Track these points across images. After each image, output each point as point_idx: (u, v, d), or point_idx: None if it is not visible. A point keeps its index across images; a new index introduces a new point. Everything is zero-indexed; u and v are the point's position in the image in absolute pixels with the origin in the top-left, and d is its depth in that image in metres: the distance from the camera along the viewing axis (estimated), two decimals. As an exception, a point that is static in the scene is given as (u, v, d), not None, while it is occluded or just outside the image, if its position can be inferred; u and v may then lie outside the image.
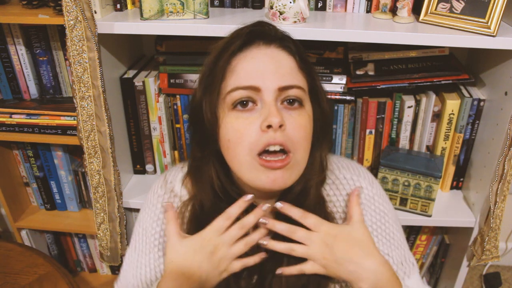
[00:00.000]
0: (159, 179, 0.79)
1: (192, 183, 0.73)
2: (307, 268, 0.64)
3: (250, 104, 0.61)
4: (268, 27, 0.66)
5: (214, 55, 0.65)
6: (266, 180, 0.61)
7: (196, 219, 0.70)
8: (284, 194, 0.69)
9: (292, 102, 0.62)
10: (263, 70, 0.61)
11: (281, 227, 0.65)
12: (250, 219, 0.65)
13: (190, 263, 0.63)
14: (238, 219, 0.67)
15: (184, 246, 0.64)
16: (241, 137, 0.61)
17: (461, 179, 1.23)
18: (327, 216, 0.69)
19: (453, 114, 1.12)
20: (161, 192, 0.76)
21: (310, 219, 0.65)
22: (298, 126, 0.62)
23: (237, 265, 0.64)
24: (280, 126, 0.59)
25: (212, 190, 0.69)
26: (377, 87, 1.10)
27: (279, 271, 0.65)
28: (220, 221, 0.65)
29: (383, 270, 0.62)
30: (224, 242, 0.63)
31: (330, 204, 0.72)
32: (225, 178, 0.69)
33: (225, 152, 0.65)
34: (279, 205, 0.65)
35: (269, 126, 0.59)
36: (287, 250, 0.64)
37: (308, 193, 0.68)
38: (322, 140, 0.70)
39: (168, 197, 0.75)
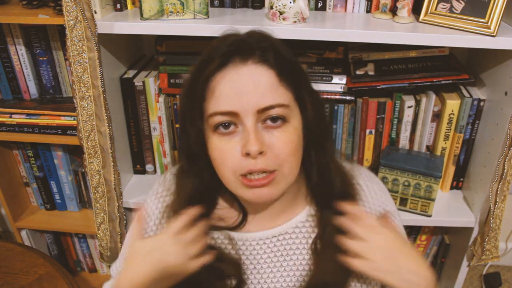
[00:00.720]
0: (160, 178, 0.79)
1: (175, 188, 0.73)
2: (356, 264, 0.62)
3: (232, 126, 0.60)
4: (243, 42, 0.60)
5: (191, 77, 0.63)
6: (252, 196, 0.62)
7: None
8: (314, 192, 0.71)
9: (274, 119, 0.59)
10: (241, 93, 0.58)
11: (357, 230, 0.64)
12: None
13: (143, 262, 0.62)
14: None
15: (140, 246, 0.64)
16: (224, 159, 0.61)
17: (461, 179, 1.23)
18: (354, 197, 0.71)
19: (453, 114, 1.12)
20: (160, 189, 0.76)
21: (371, 219, 0.64)
22: (283, 143, 0.60)
23: (194, 265, 0.64)
24: (261, 152, 0.58)
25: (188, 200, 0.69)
26: (377, 87, 1.10)
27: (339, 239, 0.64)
28: (174, 226, 0.64)
29: (433, 279, 0.62)
30: (179, 243, 0.63)
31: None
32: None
33: (214, 168, 0.65)
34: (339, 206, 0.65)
35: (248, 154, 0.58)
36: (357, 249, 0.62)
37: (334, 184, 0.69)
38: (324, 142, 0.68)
39: (166, 195, 0.75)
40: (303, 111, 0.63)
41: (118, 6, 1.06)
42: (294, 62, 0.63)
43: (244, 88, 0.58)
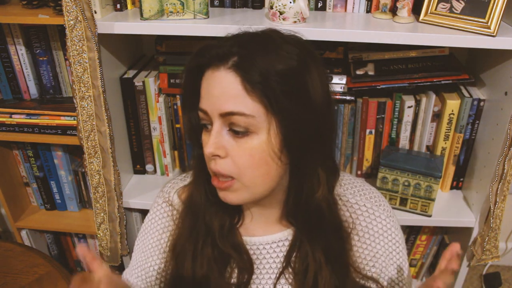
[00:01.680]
0: (160, 189, 0.81)
1: (192, 174, 0.74)
2: None
3: (210, 125, 0.61)
4: (221, 46, 0.59)
5: (183, 74, 0.66)
6: (219, 195, 0.64)
7: (190, 213, 0.72)
8: (294, 212, 0.69)
9: (237, 129, 0.59)
10: (210, 95, 0.59)
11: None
12: None
13: None
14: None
15: None
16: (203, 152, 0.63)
17: (461, 179, 1.23)
18: (344, 238, 0.69)
19: (453, 114, 1.12)
20: (160, 201, 0.78)
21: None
22: (241, 154, 0.59)
23: None
24: (217, 156, 0.60)
25: (205, 190, 0.70)
26: (377, 87, 1.10)
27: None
28: None
29: None
30: None
31: (345, 224, 0.71)
32: None
33: None
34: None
35: None
36: None
37: (321, 210, 0.66)
38: (308, 159, 0.63)
39: (165, 206, 0.77)
40: (285, 126, 0.59)
41: (118, 6, 1.06)
42: (281, 77, 0.57)
43: (213, 91, 0.59)
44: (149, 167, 1.30)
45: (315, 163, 0.64)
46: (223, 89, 0.58)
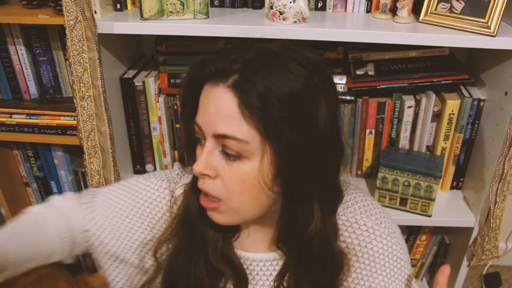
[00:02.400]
0: (169, 170, 0.77)
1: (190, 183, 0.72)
2: None
3: (203, 140, 0.59)
4: (223, 61, 0.55)
5: (182, 84, 0.63)
6: (207, 213, 0.63)
7: (180, 218, 0.69)
8: (283, 241, 0.67)
9: (228, 154, 0.56)
10: (206, 112, 0.56)
11: None
12: None
13: None
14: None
15: None
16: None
17: (461, 179, 1.23)
18: (335, 273, 0.67)
19: (453, 114, 1.12)
20: (164, 185, 0.73)
21: None
22: (231, 178, 0.57)
23: None
24: (207, 175, 0.58)
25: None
26: (377, 87, 1.10)
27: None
28: None
29: None
30: None
31: (343, 244, 0.69)
32: None
33: None
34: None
35: None
36: None
37: (312, 244, 0.63)
38: (302, 191, 0.59)
39: (168, 194, 0.72)
40: (280, 155, 0.55)
41: (118, 6, 1.06)
42: (283, 102, 0.52)
43: (209, 109, 0.56)
44: (149, 167, 1.30)
45: (310, 195, 0.60)
46: (219, 109, 0.54)
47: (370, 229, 0.69)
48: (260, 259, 0.70)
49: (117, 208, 0.72)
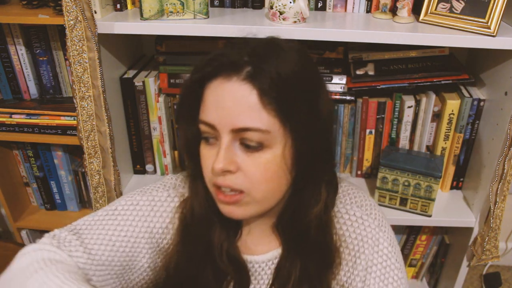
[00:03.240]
0: (163, 182, 0.74)
1: (189, 187, 0.71)
2: None
3: (213, 139, 0.59)
4: (233, 54, 0.56)
5: (184, 85, 0.62)
6: (224, 210, 0.61)
7: (185, 224, 0.68)
8: (283, 226, 0.67)
9: (250, 144, 0.56)
10: (219, 108, 0.56)
11: None
12: None
13: None
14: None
15: None
16: (205, 167, 0.61)
17: (461, 179, 1.23)
18: (327, 262, 0.67)
19: (453, 114, 1.12)
20: (172, 194, 0.71)
21: None
22: (255, 168, 0.57)
23: None
24: (228, 171, 0.57)
25: (205, 199, 0.67)
26: (377, 87, 1.10)
27: None
28: None
29: None
30: None
31: (335, 237, 0.69)
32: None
33: None
34: None
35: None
36: None
37: (309, 229, 0.64)
38: (315, 173, 0.62)
39: (177, 200, 0.71)
40: (297, 139, 0.57)
41: (118, 6, 1.06)
42: (294, 86, 0.56)
43: (223, 104, 0.55)
44: (149, 167, 1.30)
45: (321, 177, 0.63)
46: (237, 102, 0.54)
47: (359, 219, 0.69)
48: (262, 260, 0.70)
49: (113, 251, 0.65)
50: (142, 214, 0.68)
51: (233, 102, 0.55)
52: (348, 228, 0.68)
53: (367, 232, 0.68)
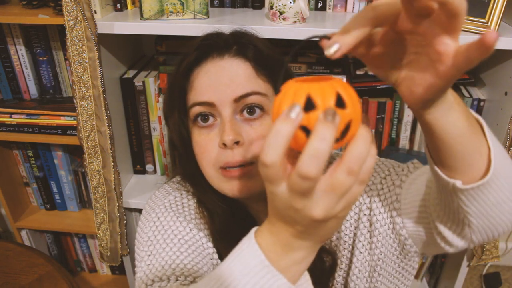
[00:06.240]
0: (164, 188, 0.72)
1: (193, 189, 0.69)
2: None
3: (211, 119, 0.61)
4: (220, 37, 0.63)
5: (173, 72, 0.65)
6: (230, 189, 0.61)
7: (214, 228, 0.66)
8: None
9: (252, 111, 0.60)
10: (217, 84, 0.59)
11: None
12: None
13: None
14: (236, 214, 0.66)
15: None
16: (204, 152, 0.61)
17: (461, 179, 1.23)
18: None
19: (453, 114, 1.12)
20: (178, 194, 0.69)
21: None
22: (260, 135, 0.59)
23: None
24: (237, 142, 0.58)
25: (213, 193, 0.66)
26: (377, 87, 1.10)
27: None
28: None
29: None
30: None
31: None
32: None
33: (198, 163, 0.64)
34: None
35: (225, 144, 0.58)
36: None
37: None
38: None
39: (187, 200, 0.69)
40: None
41: (118, 6, 1.06)
42: (274, 58, 0.64)
43: (220, 79, 0.59)
44: (149, 167, 1.30)
45: None
46: (233, 74, 0.59)
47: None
48: None
49: None
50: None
51: (230, 76, 0.59)
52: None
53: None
